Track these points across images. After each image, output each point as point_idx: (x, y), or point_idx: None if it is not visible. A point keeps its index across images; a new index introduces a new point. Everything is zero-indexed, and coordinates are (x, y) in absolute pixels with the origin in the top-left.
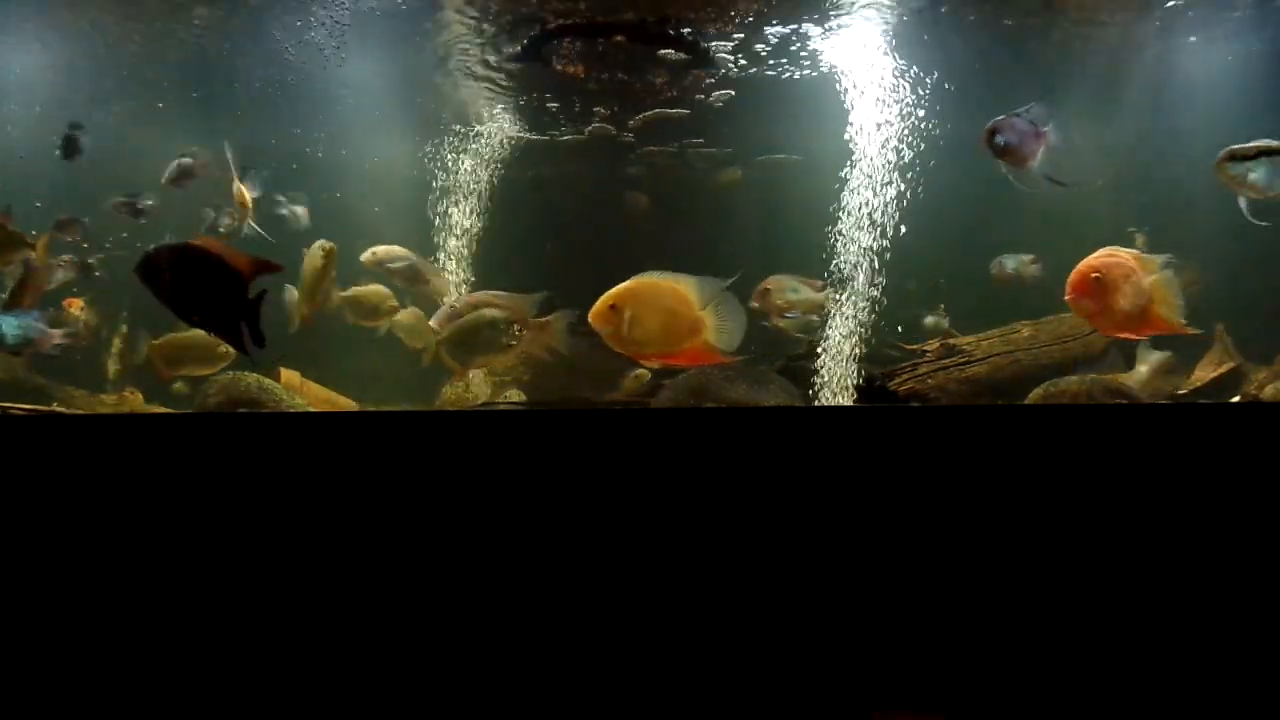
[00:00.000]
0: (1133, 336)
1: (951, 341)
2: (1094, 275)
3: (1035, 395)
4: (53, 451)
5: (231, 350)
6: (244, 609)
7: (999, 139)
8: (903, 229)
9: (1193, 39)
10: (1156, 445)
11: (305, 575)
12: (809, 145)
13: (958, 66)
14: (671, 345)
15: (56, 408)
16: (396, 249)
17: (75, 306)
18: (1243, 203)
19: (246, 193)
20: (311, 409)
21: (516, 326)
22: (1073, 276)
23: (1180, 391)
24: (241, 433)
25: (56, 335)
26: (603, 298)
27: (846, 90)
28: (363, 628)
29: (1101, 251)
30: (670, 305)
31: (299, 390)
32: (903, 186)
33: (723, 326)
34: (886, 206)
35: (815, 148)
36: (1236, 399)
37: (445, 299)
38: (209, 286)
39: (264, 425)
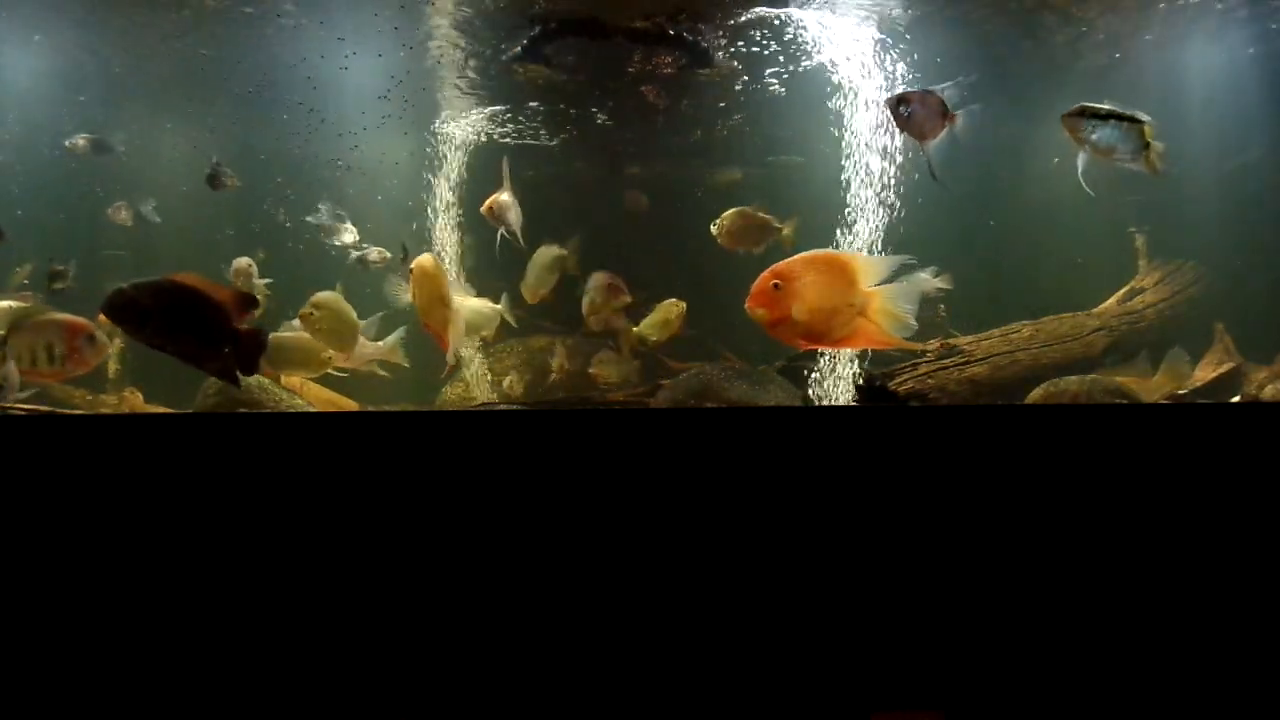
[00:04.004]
0: (832, 348)
1: (951, 341)
2: (774, 283)
3: (1035, 395)
4: (53, 451)
5: (334, 354)
6: (244, 609)
7: (903, 109)
8: (900, 228)
9: (1192, 37)
10: (1156, 445)
11: (305, 575)
12: (808, 146)
13: (952, 64)
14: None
15: (56, 409)
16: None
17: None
18: (1080, 160)
19: (506, 200)
20: (312, 409)
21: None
22: (755, 283)
23: (1180, 391)
24: (241, 433)
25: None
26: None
27: (842, 89)
28: (363, 627)
29: (803, 255)
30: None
31: (299, 390)
32: (898, 186)
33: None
34: (884, 205)
35: (814, 148)
36: (1236, 399)
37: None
38: (197, 323)
39: (264, 425)
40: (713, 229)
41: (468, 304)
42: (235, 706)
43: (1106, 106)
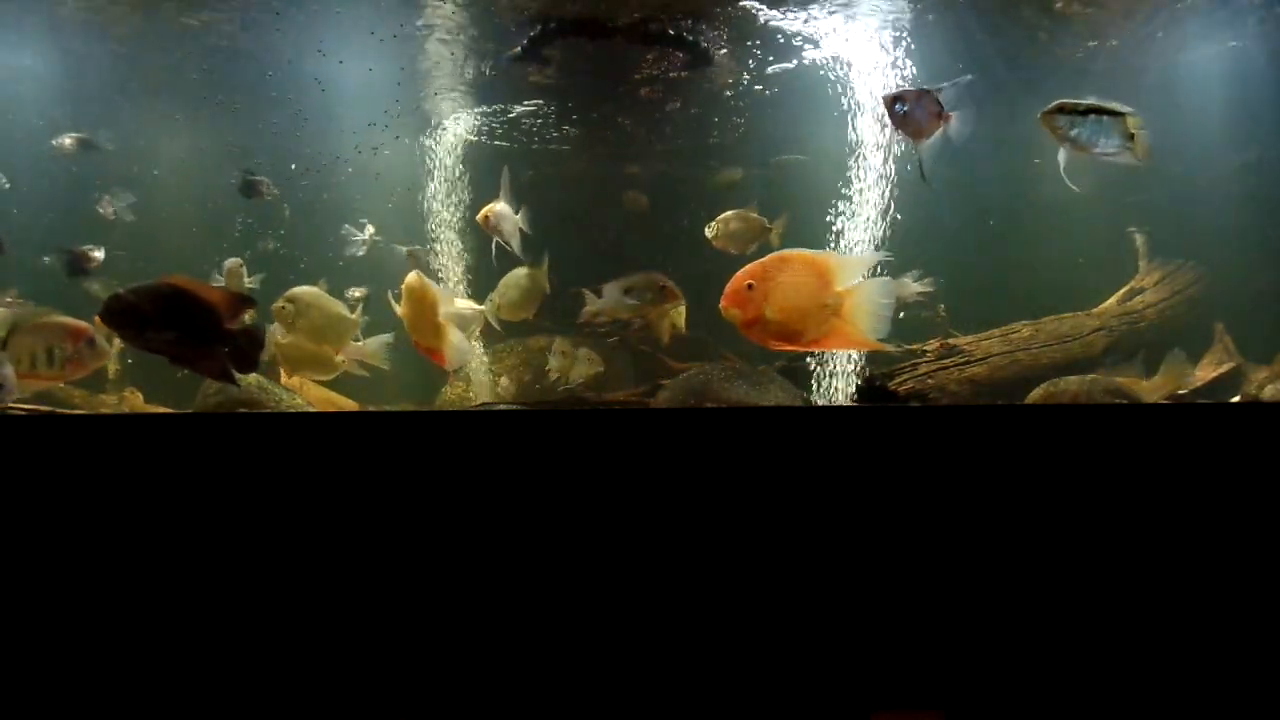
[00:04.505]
0: (807, 349)
1: (951, 341)
2: (748, 283)
3: (1035, 395)
4: (53, 451)
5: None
6: (244, 609)
7: (898, 107)
8: (900, 224)
9: (1192, 37)
10: (1156, 445)
11: (305, 575)
12: (810, 146)
13: (955, 64)
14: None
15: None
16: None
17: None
18: (1061, 157)
19: (502, 210)
20: (311, 409)
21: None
22: (729, 283)
23: (1180, 391)
24: (241, 433)
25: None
26: None
27: (845, 87)
28: (363, 627)
29: (777, 254)
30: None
31: (299, 390)
32: (899, 185)
33: None
34: (885, 205)
35: (818, 148)
36: (1236, 399)
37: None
38: (193, 326)
39: (264, 425)
40: (708, 232)
41: (450, 306)
42: (236, 706)
43: (1085, 102)
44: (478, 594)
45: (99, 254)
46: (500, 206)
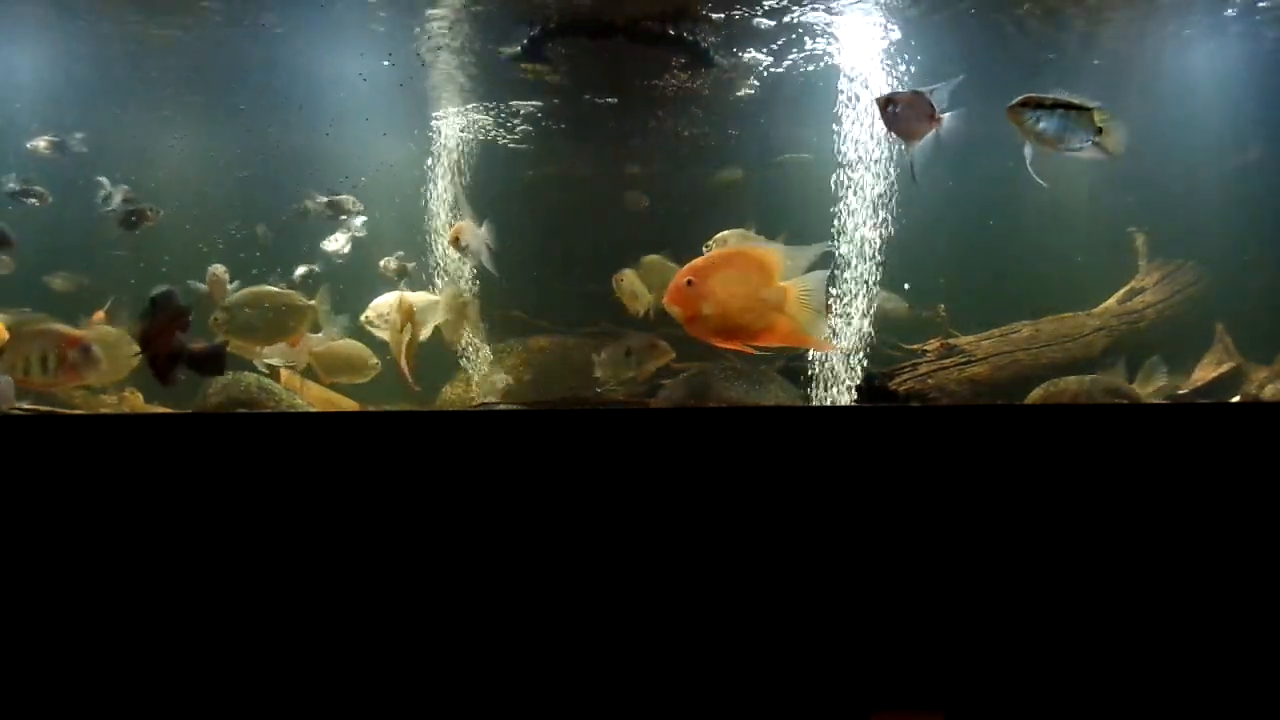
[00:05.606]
0: (745, 348)
1: (951, 341)
2: (687, 280)
3: (1035, 395)
4: (53, 451)
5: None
6: (244, 609)
7: (891, 109)
8: (901, 225)
9: (1191, 34)
10: (1156, 445)
11: (305, 575)
12: (813, 144)
13: (954, 63)
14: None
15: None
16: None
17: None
18: (1028, 151)
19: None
20: (312, 409)
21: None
22: (673, 280)
23: (1180, 391)
24: (241, 433)
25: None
26: None
27: (846, 87)
28: (363, 627)
29: (720, 250)
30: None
31: (299, 390)
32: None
33: None
34: (886, 204)
35: (817, 146)
36: (1236, 399)
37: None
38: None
39: (264, 425)
40: (706, 251)
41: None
42: (235, 706)
43: (1052, 96)
44: (478, 594)
45: (155, 213)
46: (468, 224)
